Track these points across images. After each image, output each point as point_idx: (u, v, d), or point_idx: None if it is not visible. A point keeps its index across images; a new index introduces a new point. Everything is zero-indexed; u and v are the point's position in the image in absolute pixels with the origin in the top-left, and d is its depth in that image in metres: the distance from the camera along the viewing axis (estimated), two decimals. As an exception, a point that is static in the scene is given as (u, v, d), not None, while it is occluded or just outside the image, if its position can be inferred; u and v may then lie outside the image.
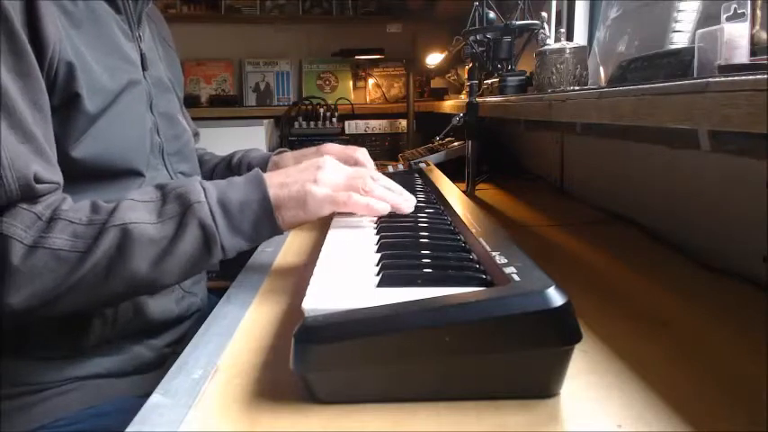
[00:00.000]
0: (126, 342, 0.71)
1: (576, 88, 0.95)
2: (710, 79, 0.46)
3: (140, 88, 0.75)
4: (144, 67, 0.78)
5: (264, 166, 1.00)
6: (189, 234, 0.59)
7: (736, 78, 0.43)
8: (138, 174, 0.73)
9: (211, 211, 0.60)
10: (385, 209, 0.66)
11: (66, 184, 0.65)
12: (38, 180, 0.58)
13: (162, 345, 0.75)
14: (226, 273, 0.83)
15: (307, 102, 2.73)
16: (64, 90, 0.63)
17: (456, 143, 1.64)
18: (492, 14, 1.43)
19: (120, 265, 0.57)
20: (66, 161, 0.64)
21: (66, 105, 0.63)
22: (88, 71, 0.65)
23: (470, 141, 1.25)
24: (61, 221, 0.57)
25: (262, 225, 0.62)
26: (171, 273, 0.60)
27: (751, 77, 0.41)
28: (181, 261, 0.59)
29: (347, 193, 0.63)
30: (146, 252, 0.58)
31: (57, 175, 0.61)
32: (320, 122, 2.59)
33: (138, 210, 0.59)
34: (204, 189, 0.61)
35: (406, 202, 0.69)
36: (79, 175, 0.66)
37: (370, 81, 2.97)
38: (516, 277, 0.42)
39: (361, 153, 0.94)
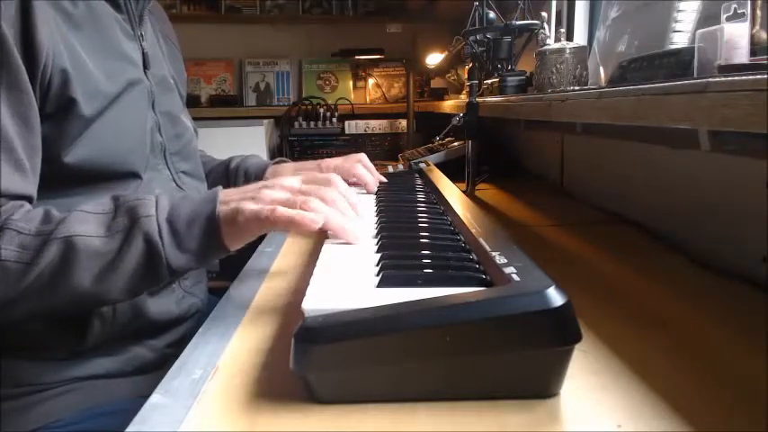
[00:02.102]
0: (126, 343, 0.71)
1: (576, 88, 0.95)
2: (710, 79, 0.46)
3: (141, 88, 0.75)
4: (146, 66, 0.78)
5: (262, 173, 0.99)
6: (134, 248, 0.57)
7: (736, 78, 0.43)
8: (135, 176, 0.72)
9: (159, 227, 0.57)
10: (314, 221, 0.56)
11: (62, 188, 0.65)
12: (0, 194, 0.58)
13: (162, 345, 0.75)
14: (226, 273, 0.83)
15: (307, 102, 2.73)
16: (59, 96, 0.63)
17: (456, 143, 1.64)
18: (492, 14, 1.43)
19: (64, 277, 0.56)
20: (60, 165, 0.64)
21: (61, 111, 0.63)
22: (85, 75, 0.65)
23: (470, 141, 1.25)
24: (10, 231, 0.56)
25: (208, 243, 0.59)
26: (116, 288, 0.58)
27: (751, 77, 0.41)
28: (125, 276, 0.57)
29: (271, 207, 0.57)
30: (89, 265, 0.56)
31: (29, 188, 0.61)
32: (320, 122, 2.60)
33: (87, 222, 0.58)
34: (157, 203, 0.59)
35: (352, 228, 0.60)
36: (75, 179, 0.66)
37: (370, 81, 2.97)
38: (516, 277, 0.42)
39: (360, 168, 0.93)
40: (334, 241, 0.61)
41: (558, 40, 1.13)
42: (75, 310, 0.66)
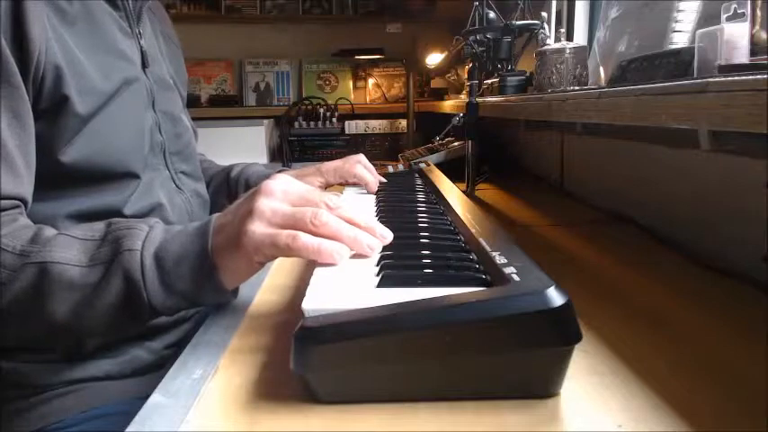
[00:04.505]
0: (125, 345, 0.71)
1: (576, 88, 0.95)
2: (710, 79, 0.46)
3: (138, 86, 0.74)
4: (145, 65, 0.78)
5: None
6: (113, 285, 0.51)
7: (736, 78, 0.43)
8: (133, 176, 0.71)
9: (142, 263, 0.51)
10: (340, 254, 0.50)
11: (58, 188, 0.64)
12: None
13: (161, 347, 0.74)
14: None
15: (307, 102, 2.73)
16: (52, 93, 0.61)
17: (456, 143, 1.64)
18: (492, 14, 1.43)
19: (37, 304, 0.52)
20: (56, 164, 0.63)
21: (54, 108, 0.62)
22: (79, 72, 0.64)
23: (470, 141, 1.25)
24: None
25: (201, 283, 0.52)
26: (93, 324, 0.53)
27: (751, 77, 0.42)
28: (102, 314, 0.52)
29: (292, 233, 0.49)
30: (64, 296, 0.52)
31: (20, 188, 0.58)
32: (320, 122, 2.60)
33: (71, 248, 0.53)
34: (147, 235, 0.53)
35: (369, 240, 0.53)
36: (71, 179, 0.65)
37: (370, 81, 2.98)
38: (516, 277, 0.42)
39: (360, 168, 0.93)
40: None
41: (558, 40, 1.13)
42: (54, 341, 0.63)
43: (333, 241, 0.51)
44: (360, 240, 0.52)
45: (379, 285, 0.47)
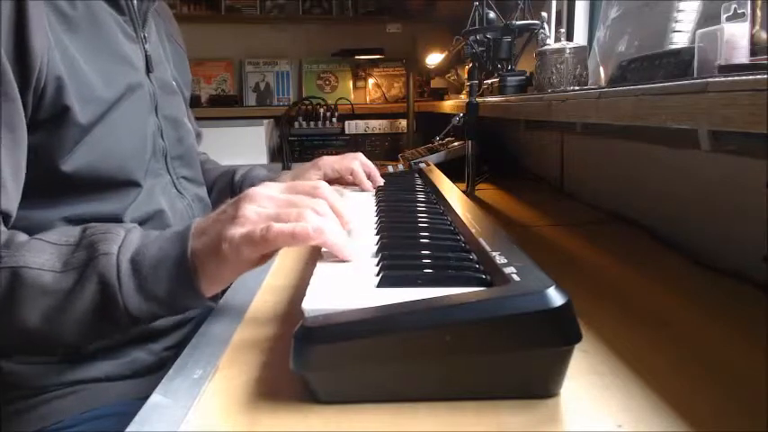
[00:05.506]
0: (125, 346, 0.71)
1: (576, 88, 0.96)
2: (710, 79, 0.46)
3: (142, 92, 0.74)
4: (149, 69, 0.77)
5: None
6: (87, 290, 0.50)
7: (736, 78, 0.43)
8: (134, 184, 0.71)
9: (118, 267, 0.51)
10: (318, 233, 0.50)
11: (57, 196, 0.64)
12: None
13: (161, 348, 0.74)
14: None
15: (307, 102, 2.74)
16: (53, 104, 0.61)
17: (456, 143, 1.64)
18: (492, 14, 1.43)
19: (8, 311, 0.51)
20: (56, 173, 0.62)
21: (55, 118, 0.61)
22: (81, 80, 0.63)
23: (470, 141, 1.25)
24: None
25: (178, 288, 0.51)
26: (67, 332, 0.52)
27: (751, 77, 0.42)
28: (76, 320, 0.51)
29: (265, 225, 0.49)
30: (36, 303, 0.50)
31: (7, 204, 0.57)
32: (320, 122, 2.60)
33: (44, 252, 0.52)
34: (123, 239, 0.52)
35: (349, 244, 0.54)
36: (72, 186, 0.64)
37: (370, 81, 2.98)
38: (516, 277, 0.42)
39: (357, 165, 0.93)
40: (329, 259, 0.55)
41: (558, 40, 1.13)
42: (30, 350, 0.63)
43: (306, 224, 0.50)
44: (339, 243, 0.52)
45: (379, 285, 0.47)
